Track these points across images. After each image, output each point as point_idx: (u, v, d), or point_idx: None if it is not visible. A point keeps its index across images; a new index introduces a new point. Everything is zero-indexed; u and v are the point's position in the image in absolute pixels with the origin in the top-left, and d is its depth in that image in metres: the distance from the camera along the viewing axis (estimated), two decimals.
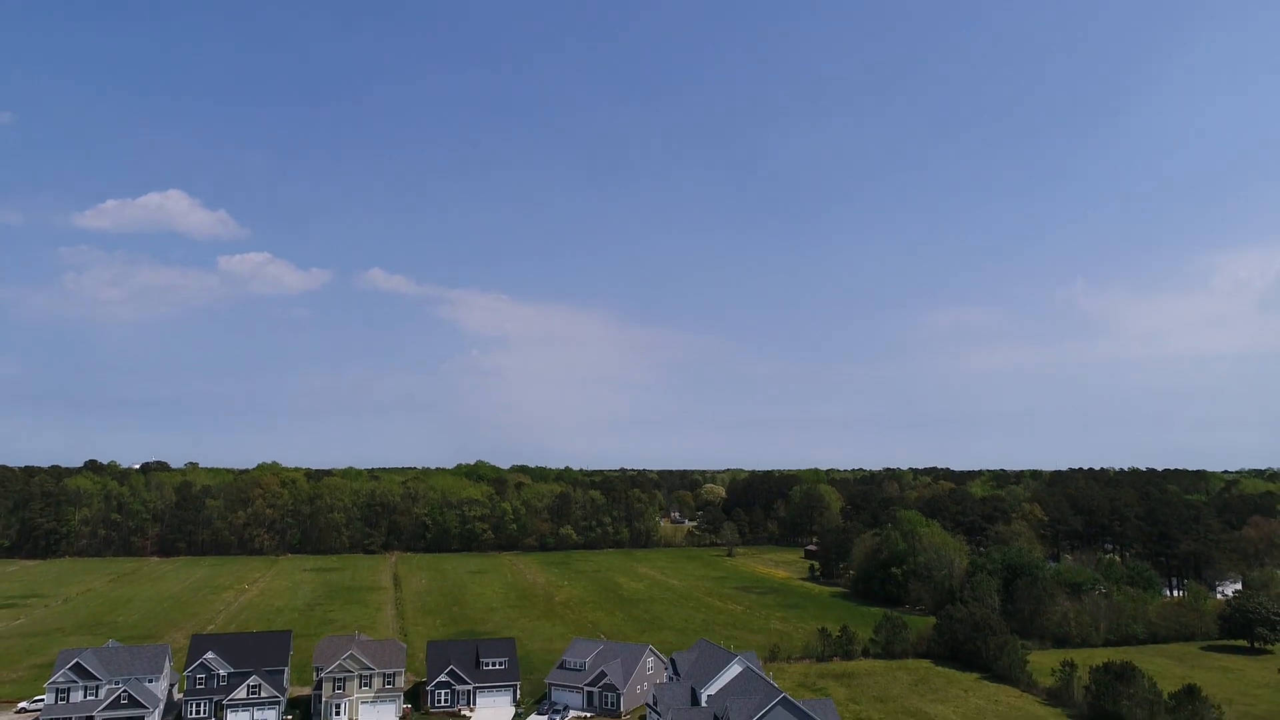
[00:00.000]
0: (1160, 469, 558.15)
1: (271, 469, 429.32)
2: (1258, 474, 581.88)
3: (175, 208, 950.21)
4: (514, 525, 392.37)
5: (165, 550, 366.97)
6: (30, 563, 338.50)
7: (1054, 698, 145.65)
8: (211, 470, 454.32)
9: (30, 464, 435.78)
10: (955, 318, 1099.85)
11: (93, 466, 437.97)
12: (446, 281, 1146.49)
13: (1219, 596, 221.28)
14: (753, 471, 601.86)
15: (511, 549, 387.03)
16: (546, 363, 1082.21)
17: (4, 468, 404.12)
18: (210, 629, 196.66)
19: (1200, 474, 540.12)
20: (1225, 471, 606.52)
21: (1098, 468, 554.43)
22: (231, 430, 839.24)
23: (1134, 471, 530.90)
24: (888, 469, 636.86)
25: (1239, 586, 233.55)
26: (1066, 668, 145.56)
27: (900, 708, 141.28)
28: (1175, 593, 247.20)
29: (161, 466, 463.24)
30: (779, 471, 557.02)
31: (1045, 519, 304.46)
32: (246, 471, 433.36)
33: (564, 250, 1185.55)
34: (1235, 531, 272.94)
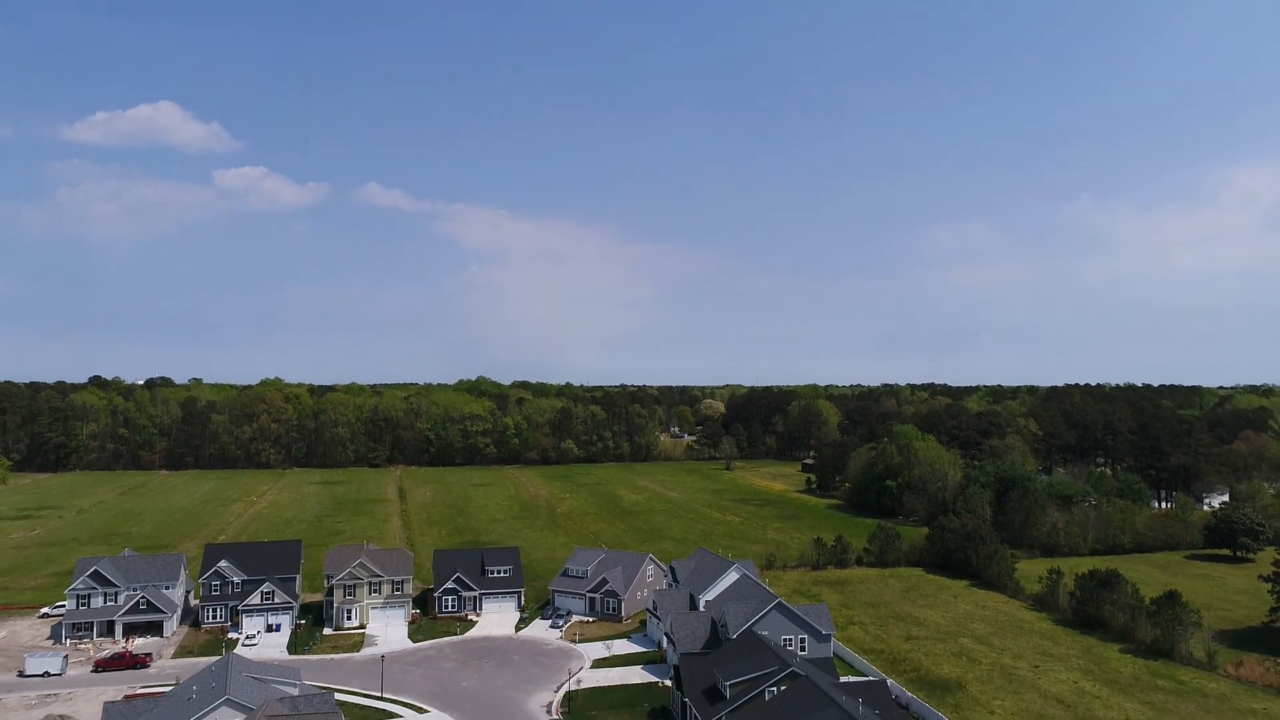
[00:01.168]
0: (1156, 385, 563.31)
1: (275, 385, 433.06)
2: (1253, 389, 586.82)
3: (167, 120, 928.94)
4: (516, 440, 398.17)
5: (173, 464, 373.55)
6: (42, 476, 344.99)
7: (1040, 603, 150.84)
8: (216, 386, 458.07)
9: (36, 379, 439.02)
10: (958, 234, 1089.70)
11: (97, 382, 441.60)
12: (445, 196, 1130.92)
13: (1205, 508, 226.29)
14: (752, 387, 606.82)
15: (513, 463, 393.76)
16: (546, 279, 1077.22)
17: (10, 384, 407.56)
18: (221, 539, 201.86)
19: (1195, 390, 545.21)
20: (1221, 387, 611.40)
21: (1094, 383, 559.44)
22: (234, 347, 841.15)
23: (1129, 387, 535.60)
24: (886, 385, 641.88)
25: (1226, 499, 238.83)
26: (1053, 575, 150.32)
27: (891, 613, 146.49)
28: (1163, 505, 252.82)
29: (166, 382, 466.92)
30: (778, 387, 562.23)
31: (1039, 433, 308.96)
32: (250, 387, 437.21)
33: (563, 164, 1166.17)
34: (1226, 446, 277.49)
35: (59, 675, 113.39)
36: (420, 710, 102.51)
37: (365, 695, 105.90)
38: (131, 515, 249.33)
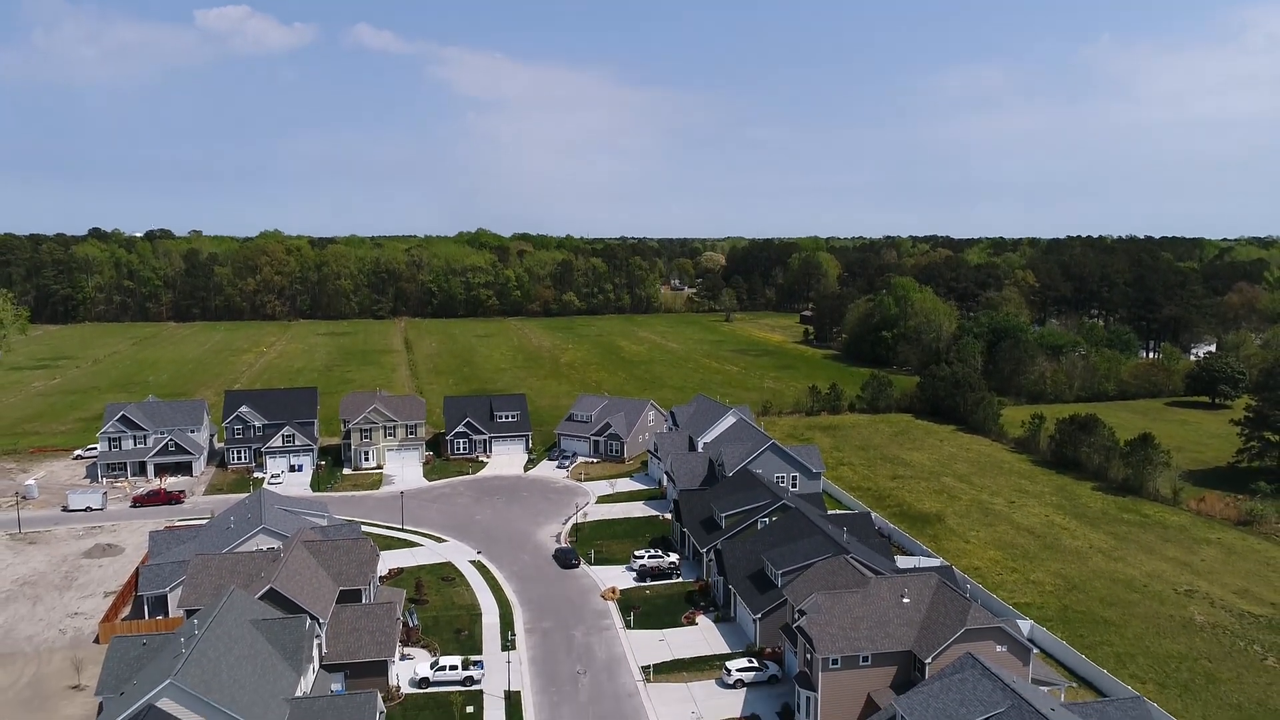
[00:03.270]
0: (1158, 238, 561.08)
1: (275, 237, 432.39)
2: (1255, 241, 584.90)
3: None
4: (517, 292, 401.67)
5: (180, 316, 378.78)
6: (52, 327, 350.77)
7: (1021, 446, 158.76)
8: (216, 238, 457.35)
9: (35, 232, 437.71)
10: (968, 76, 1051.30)
11: (97, 234, 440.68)
12: (437, 38, 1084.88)
13: (1191, 359, 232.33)
14: (752, 240, 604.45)
15: (516, 314, 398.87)
16: (544, 127, 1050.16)
17: (10, 236, 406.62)
18: (236, 388, 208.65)
19: (1197, 242, 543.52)
20: (1224, 240, 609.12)
21: (1096, 235, 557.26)
22: (230, 198, 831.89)
23: (1131, 239, 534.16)
24: (888, 237, 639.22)
25: (1213, 349, 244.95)
26: (1036, 420, 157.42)
27: (879, 454, 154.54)
28: (1151, 355, 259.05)
29: (165, 234, 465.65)
30: (779, 239, 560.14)
31: (1036, 285, 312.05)
32: (250, 240, 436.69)
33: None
34: (1219, 297, 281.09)
35: (100, 510, 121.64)
36: (439, 540, 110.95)
37: (387, 527, 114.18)
38: (147, 365, 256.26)
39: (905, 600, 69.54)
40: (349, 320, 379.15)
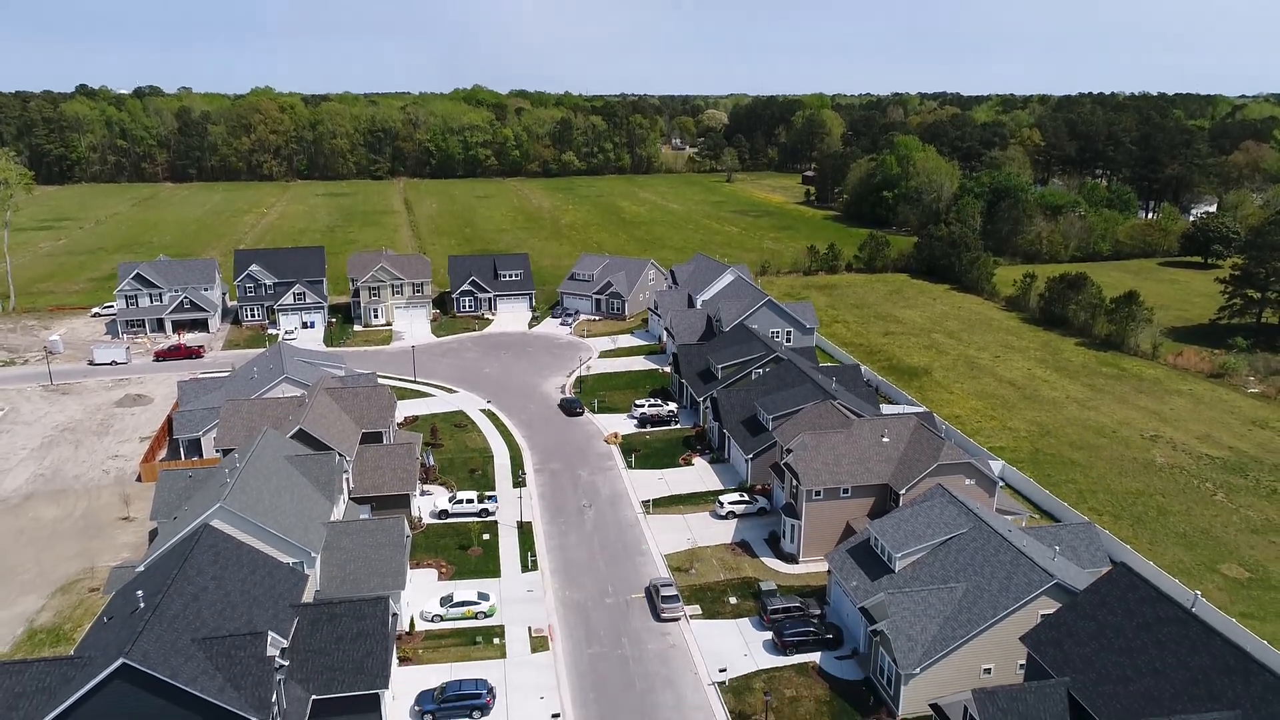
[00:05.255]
0: (1172, 94, 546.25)
1: (266, 94, 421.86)
2: (1273, 98, 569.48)
3: None
4: (516, 151, 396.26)
5: (176, 176, 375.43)
6: (49, 188, 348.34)
7: (1012, 304, 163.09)
8: (207, 96, 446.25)
9: (21, 90, 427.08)
10: None
11: (85, 92, 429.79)
12: None
13: (1190, 219, 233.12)
14: (756, 97, 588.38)
15: (515, 175, 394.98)
16: None
17: None
18: (243, 247, 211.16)
19: (1210, 99, 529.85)
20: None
21: (1109, 93, 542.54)
22: (218, 54, 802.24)
23: (1143, 96, 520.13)
24: (895, 94, 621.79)
25: (1213, 209, 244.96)
26: (1027, 279, 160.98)
27: (873, 312, 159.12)
28: (1151, 215, 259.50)
29: (155, 91, 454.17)
30: (783, 97, 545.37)
31: (1042, 144, 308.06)
32: (242, 97, 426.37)
33: None
34: (1224, 156, 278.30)
35: (125, 364, 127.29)
36: (450, 390, 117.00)
37: (400, 379, 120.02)
38: (149, 226, 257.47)
39: (885, 439, 75.49)
40: (347, 181, 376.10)
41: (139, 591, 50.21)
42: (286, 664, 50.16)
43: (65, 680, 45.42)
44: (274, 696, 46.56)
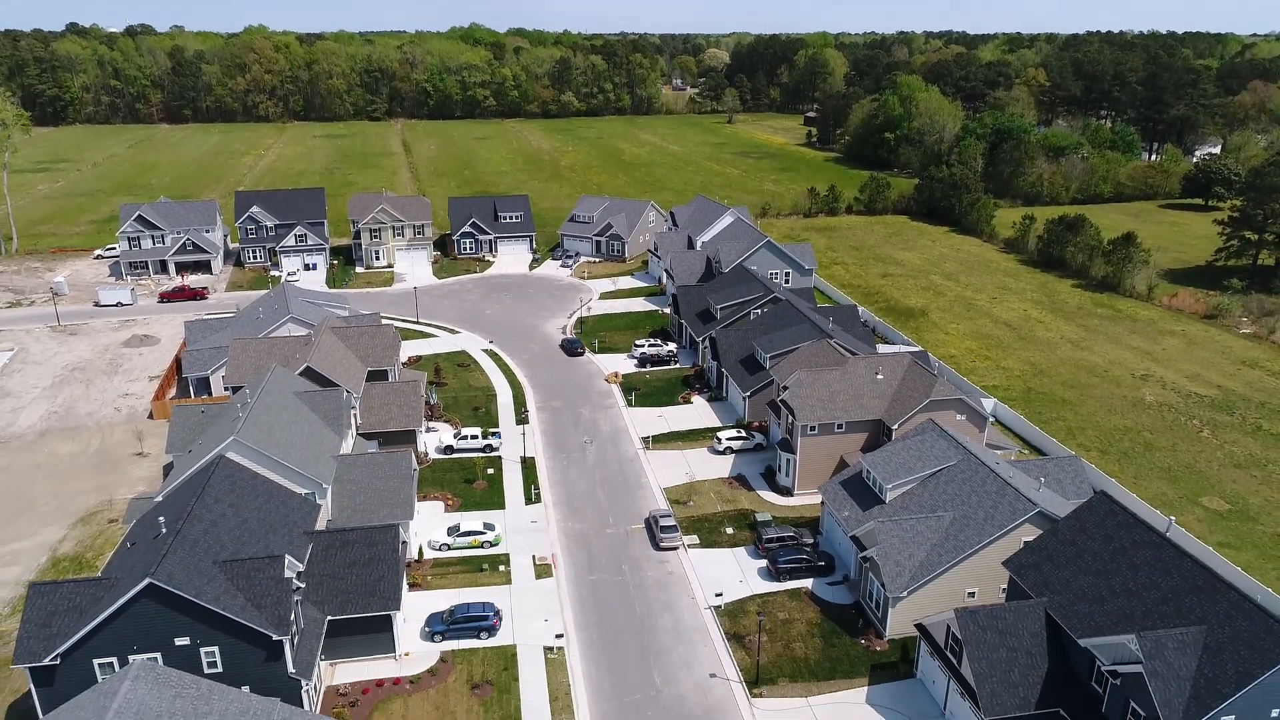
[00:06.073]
0: (1181, 33, 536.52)
1: (260, 33, 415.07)
2: None
3: None
4: (515, 92, 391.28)
5: (172, 117, 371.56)
6: (43, 130, 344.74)
7: (1010, 246, 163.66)
8: (201, 35, 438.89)
9: (10, 28, 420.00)
10: None
11: (76, 30, 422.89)
12: None
13: (1193, 161, 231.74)
14: (758, 36, 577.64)
15: (514, 116, 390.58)
16: None
17: None
18: (242, 189, 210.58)
19: (1220, 38, 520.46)
20: (1252, 35, 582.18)
21: (1117, 31, 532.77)
22: None
23: (1152, 35, 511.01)
24: (900, 33, 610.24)
25: (1217, 151, 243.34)
26: (1026, 221, 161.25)
27: (872, 254, 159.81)
28: (1154, 157, 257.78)
29: (147, 30, 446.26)
30: (786, 36, 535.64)
31: (1046, 84, 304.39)
32: (236, 36, 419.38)
33: None
34: (1231, 97, 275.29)
35: (130, 305, 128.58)
36: (453, 331, 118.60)
37: (403, 319, 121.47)
38: (147, 168, 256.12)
39: (879, 377, 77.31)
40: (345, 122, 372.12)
41: (161, 518, 52.48)
42: (303, 586, 52.68)
43: (94, 599, 47.91)
44: (292, 615, 49.11)
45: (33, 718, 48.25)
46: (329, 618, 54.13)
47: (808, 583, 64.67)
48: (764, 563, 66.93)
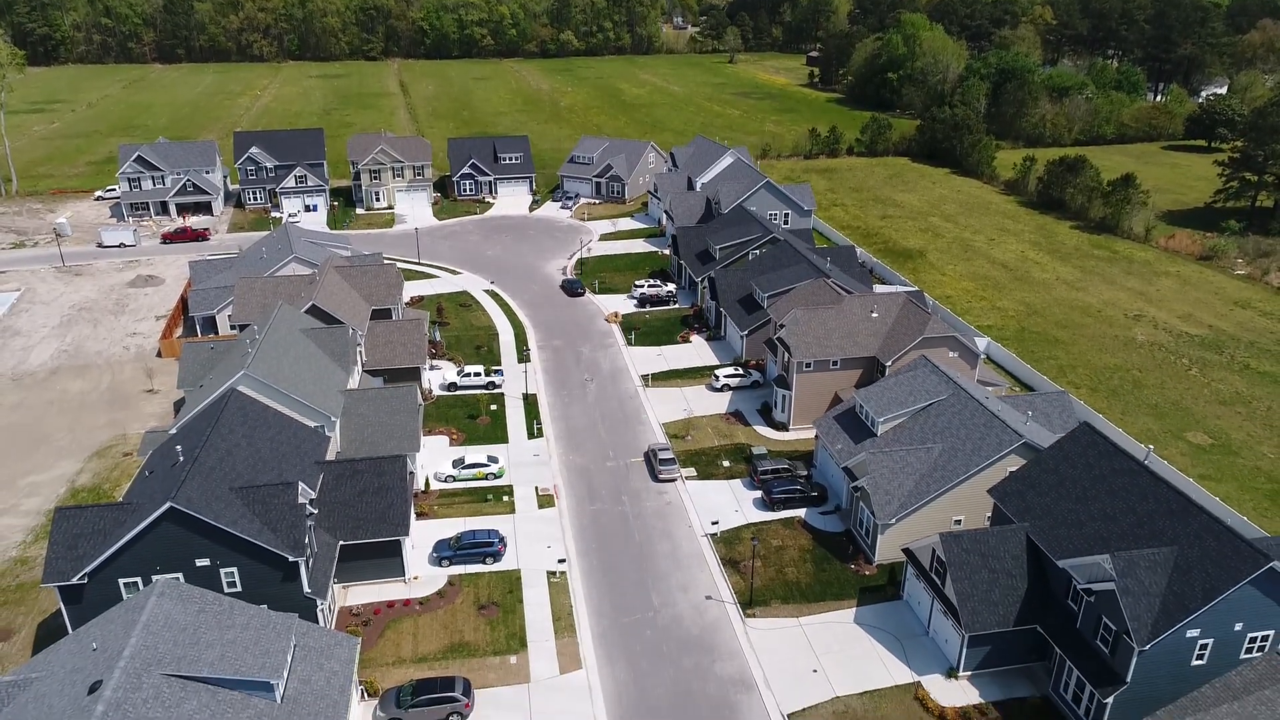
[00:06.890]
0: None
1: None
2: None
3: None
4: (513, 30, 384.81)
5: (165, 57, 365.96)
6: (34, 70, 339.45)
7: (1010, 188, 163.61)
8: None
9: None
10: None
11: None
12: None
13: (1198, 102, 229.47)
14: None
15: (512, 56, 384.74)
16: None
17: None
18: (240, 129, 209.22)
19: None
20: None
21: None
22: None
23: None
24: None
25: (1223, 91, 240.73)
26: (1026, 162, 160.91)
27: (872, 196, 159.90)
28: (1159, 98, 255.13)
29: None
30: None
31: (1053, 23, 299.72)
32: None
33: None
34: (1240, 35, 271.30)
35: (133, 246, 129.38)
36: (454, 272, 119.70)
37: (405, 261, 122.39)
38: (141, 108, 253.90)
39: (874, 315, 78.79)
40: (341, 62, 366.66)
41: (178, 447, 54.52)
42: (315, 512, 54.95)
43: (117, 523, 50.18)
44: (306, 539, 51.43)
45: (61, 635, 50.86)
46: (341, 543, 56.53)
47: (801, 512, 67.06)
48: (759, 493, 69.27)
